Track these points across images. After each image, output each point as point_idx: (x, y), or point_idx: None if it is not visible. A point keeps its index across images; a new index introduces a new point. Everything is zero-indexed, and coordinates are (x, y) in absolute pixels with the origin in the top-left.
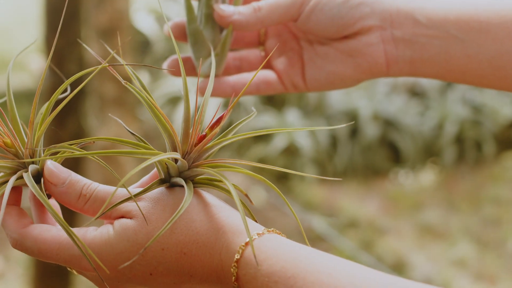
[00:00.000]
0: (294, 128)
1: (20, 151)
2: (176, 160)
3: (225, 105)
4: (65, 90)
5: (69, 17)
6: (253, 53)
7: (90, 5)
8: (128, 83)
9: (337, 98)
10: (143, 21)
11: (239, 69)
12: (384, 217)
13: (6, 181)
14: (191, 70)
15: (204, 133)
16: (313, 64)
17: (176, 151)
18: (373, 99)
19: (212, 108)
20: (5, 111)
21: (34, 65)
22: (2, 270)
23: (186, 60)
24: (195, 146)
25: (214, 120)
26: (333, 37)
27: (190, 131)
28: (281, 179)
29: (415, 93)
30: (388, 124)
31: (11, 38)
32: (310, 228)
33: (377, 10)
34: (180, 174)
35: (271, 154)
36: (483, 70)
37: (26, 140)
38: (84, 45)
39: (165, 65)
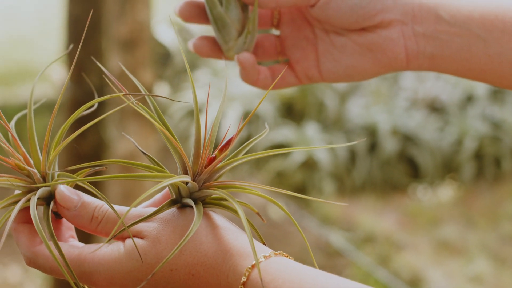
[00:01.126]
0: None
1: (32, 173)
2: (186, 182)
3: (244, 118)
4: (90, 107)
5: (91, 29)
6: (268, 39)
7: (111, 17)
8: (139, 103)
9: (357, 112)
10: (164, 33)
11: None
12: (402, 232)
13: (19, 201)
14: (217, 52)
15: (214, 155)
16: (329, 55)
17: (187, 173)
18: (393, 114)
19: (229, 120)
20: (24, 126)
21: (56, 75)
22: (21, 281)
23: (210, 40)
24: (205, 167)
25: (224, 142)
26: (351, 28)
27: (201, 152)
28: (299, 192)
29: (435, 108)
30: (407, 139)
31: (34, 48)
32: (328, 243)
33: (400, 3)
34: (190, 195)
35: (289, 168)
36: (504, 70)
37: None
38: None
39: (190, 43)
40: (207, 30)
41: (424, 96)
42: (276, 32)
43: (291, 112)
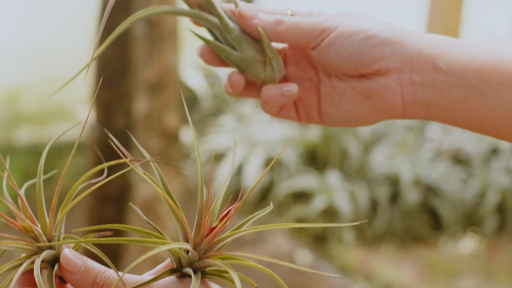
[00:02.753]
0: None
1: (38, 235)
2: (187, 251)
3: (266, 164)
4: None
5: (118, 72)
6: None
7: (139, 60)
8: (146, 173)
9: (380, 162)
10: (192, 77)
11: (259, 89)
12: (420, 284)
13: (23, 263)
14: (252, 90)
15: (215, 225)
16: (330, 99)
17: (188, 242)
18: (416, 164)
19: (252, 166)
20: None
21: (83, 116)
22: None
23: (238, 80)
24: (205, 237)
25: (224, 213)
26: (350, 74)
27: (202, 222)
28: (319, 241)
29: (459, 160)
30: (430, 190)
31: (68, 88)
32: None
33: (398, 52)
34: (191, 264)
35: (310, 215)
36: (500, 122)
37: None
38: None
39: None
40: None
41: (449, 147)
42: None
43: (315, 160)
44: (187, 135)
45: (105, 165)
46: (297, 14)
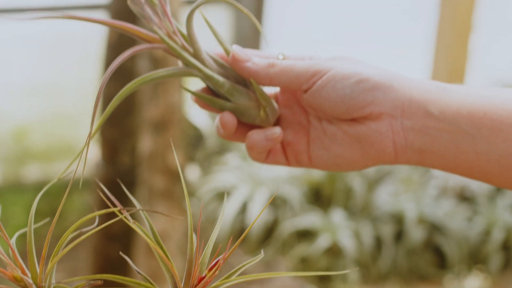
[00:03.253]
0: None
1: (29, 286)
2: None
3: (271, 202)
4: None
5: (124, 110)
6: None
7: (144, 98)
8: (136, 222)
9: (385, 200)
10: (197, 115)
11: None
12: None
13: None
14: (243, 135)
15: (204, 275)
16: (320, 143)
17: None
18: (421, 202)
19: (256, 204)
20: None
21: (89, 154)
22: None
23: (230, 120)
24: (195, 287)
25: (213, 263)
26: (342, 118)
27: (192, 272)
28: (323, 279)
29: (464, 198)
30: (435, 228)
31: (76, 125)
32: None
33: (390, 97)
34: None
35: (314, 253)
36: (491, 168)
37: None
38: None
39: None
40: None
41: (454, 185)
42: None
43: (319, 198)
44: (192, 173)
45: (97, 213)
46: (288, 58)
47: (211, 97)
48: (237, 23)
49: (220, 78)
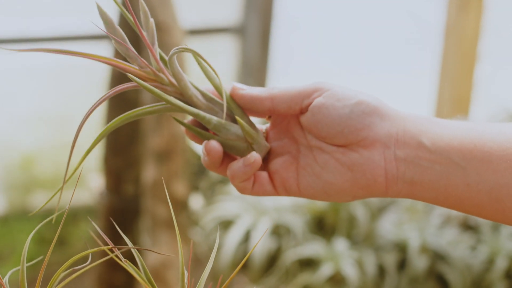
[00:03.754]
0: None
1: None
2: None
3: (274, 231)
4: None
5: (128, 139)
6: None
7: (148, 128)
8: (128, 261)
9: (388, 229)
10: (200, 145)
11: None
12: None
13: None
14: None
15: None
16: (310, 170)
17: None
18: (424, 231)
19: (259, 232)
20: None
21: (93, 183)
22: None
23: (215, 147)
24: None
25: None
26: (336, 139)
27: None
28: None
29: (468, 227)
30: (438, 256)
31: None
32: None
33: (386, 125)
34: None
35: (317, 282)
36: (482, 200)
37: None
38: None
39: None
40: None
41: (458, 214)
42: None
43: (322, 227)
44: (196, 202)
45: (90, 251)
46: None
47: (199, 130)
48: (244, 52)
49: (207, 115)
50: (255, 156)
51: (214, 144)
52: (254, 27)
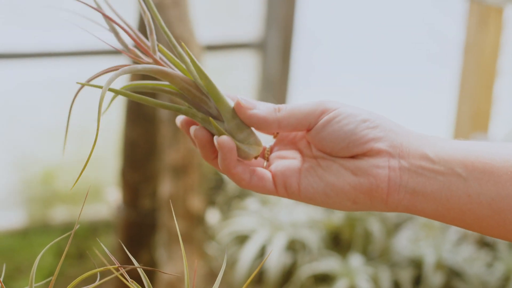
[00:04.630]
0: None
1: None
2: None
3: (289, 246)
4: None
5: (145, 154)
6: (258, 162)
7: (165, 143)
8: (133, 281)
9: (404, 245)
10: None
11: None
12: None
13: None
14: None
15: None
16: (313, 171)
17: None
18: (441, 248)
19: (274, 247)
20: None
21: (111, 197)
22: None
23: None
24: None
25: None
26: (341, 153)
27: None
28: None
29: (485, 244)
30: (454, 273)
31: (102, 167)
32: None
33: (390, 136)
34: None
35: None
36: (483, 211)
37: None
38: None
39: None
40: None
41: None
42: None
43: (338, 242)
44: (212, 216)
45: (96, 270)
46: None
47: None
48: (265, 67)
49: (192, 110)
50: (221, 139)
51: (201, 131)
52: (275, 42)
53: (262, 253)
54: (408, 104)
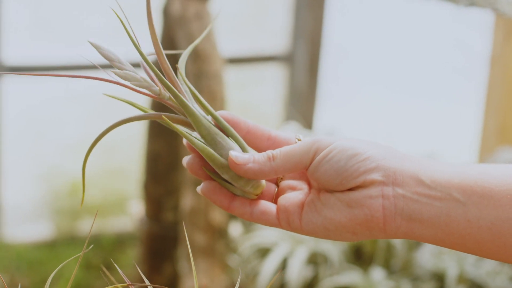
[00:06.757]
0: None
1: None
2: None
3: (310, 259)
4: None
5: (168, 167)
6: (269, 187)
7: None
8: None
9: (426, 259)
10: None
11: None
12: None
13: None
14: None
15: None
16: (313, 206)
17: None
18: (463, 261)
19: (296, 260)
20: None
21: (134, 209)
22: None
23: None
24: None
25: None
26: (337, 189)
27: None
28: None
29: None
30: (476, 287)
31: (129, 179)
32: None
33: (382, 167)
34: None
35: None
36: (483, 236)
37: None
38: None
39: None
40: None
41: None
42: None
43: (360, 256)
44: (234, 229)
45: (116, 286)
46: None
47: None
48: (293, 80)
49: (192, 134)
50: (198, 189)
51: (193, 159)
52: (303, 55)
53: (283, 266)
54: (434, 117)
